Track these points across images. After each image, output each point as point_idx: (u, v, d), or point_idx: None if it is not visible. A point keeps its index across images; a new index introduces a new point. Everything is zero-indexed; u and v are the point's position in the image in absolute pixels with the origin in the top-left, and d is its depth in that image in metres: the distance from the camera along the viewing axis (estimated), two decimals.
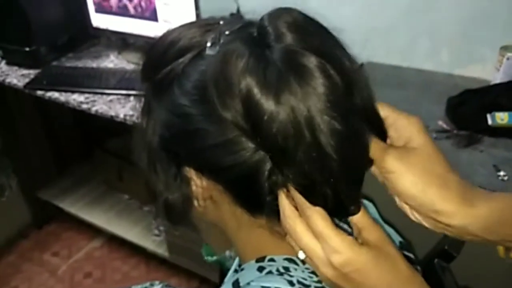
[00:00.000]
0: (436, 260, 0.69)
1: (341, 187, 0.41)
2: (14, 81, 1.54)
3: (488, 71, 1.32)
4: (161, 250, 1.78)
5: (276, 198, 0.43)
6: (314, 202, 0.41)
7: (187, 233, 1.62)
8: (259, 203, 0.45)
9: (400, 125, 0.45)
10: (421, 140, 0.44)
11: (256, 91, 0.38)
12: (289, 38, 0.40)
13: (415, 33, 1.41)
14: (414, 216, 0.45)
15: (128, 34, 1.65)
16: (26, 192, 2.04)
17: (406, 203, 0.44)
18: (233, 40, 0.42)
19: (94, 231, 2.02)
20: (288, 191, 0.42)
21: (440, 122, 1.19)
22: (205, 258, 0.75)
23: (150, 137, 0.48)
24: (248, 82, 0.38)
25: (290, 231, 0.43)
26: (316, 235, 0.42)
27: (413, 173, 0.42)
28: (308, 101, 0.37)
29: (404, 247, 0.60)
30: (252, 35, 0.42)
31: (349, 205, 0.43)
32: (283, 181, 0.42)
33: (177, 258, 1.77)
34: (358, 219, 0.43)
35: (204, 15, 1.46)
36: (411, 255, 0.59)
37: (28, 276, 1.94)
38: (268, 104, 0.38)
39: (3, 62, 1.65)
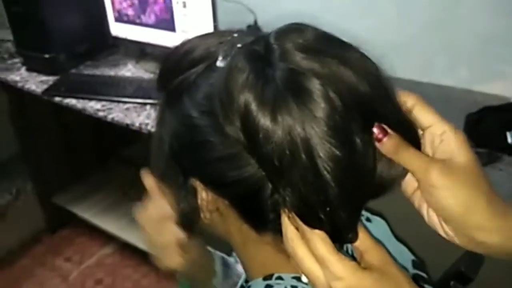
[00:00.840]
0: (452, 282, 0.67)
1: (338, 215, 0.39)
2: (33, 87, 1.56)
3: (508, 88, 1.29)
4: None
5: (279, 217, 0.42)
6: (312, 226, 0.40)
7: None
8: (263, 220, 0.44)
9: (446, 137, 0.42)
10: (467, 156, 0.42)
11: (253, 106, 0.37)
12: (294, 58, 0.38)
13: (434, 48, 1.40)
14: (446, 232, 0.43)
15: (146, 43, 1.66)
16: (41, 197, 2.06)
17: (444, 219, 0.42)
18: (239, 54, 0.41)
19: (107, 237, 2.02)
20: (289, 211, 0.41)
21: None
22: None
23: (163, 146, 0.48)
24: (246, 97, 0.37)
25: (292, 253, 0.42)
26: (318, 259, 0.40)
27: (461, 189, 0.40)
28: (306, 124, 0.36)
29: (417, 266, 0.58)
30: (258, 51, 0.41)
31: (346, 233, 0.41)
32: (282, 201, 0.40)
33: None
34: (359, 242, 0.42)
35: (222, 26, 1.46)
36: (424, 274, 0.57)
37: (40, 280, 1.95)
38: (264, 121, 0.37)
39: (23, 68, 1.67)
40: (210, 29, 1.46)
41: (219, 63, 0.44)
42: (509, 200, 1.00)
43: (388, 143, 0.39)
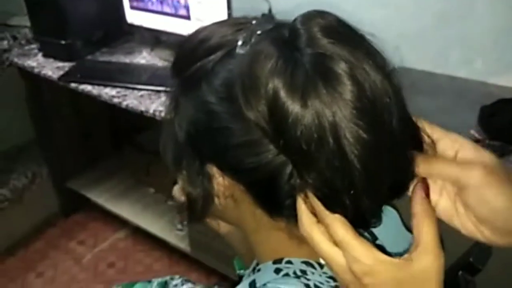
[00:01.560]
0: (460, 272, 0.67)
1: (362, 199, 0.40)
2: (49, 73, 1.58)
3: None
4: (183, 245, 1.80)
5: (295, 202, 0.42)
6: (333, 210, 0.40)
7: (209, 230, 1.63)
8: (279, 205, 0.44)
9: (461, 145, 0.43)
10: (490, 156, 0.43)
11: (282, 92, 0.37)
12: (320, 42, 0.39)
13: (449, 39, 1.39)
14: (485, 236, 0.43)
15: (161, 31, 1.67)
16: (56, 181, 2.10)
17: (490, 220, 0.42)
18: (263, 40, 0.42)
19: (120, 222, 2.05)
20: (306, 196, 0.41)
21: (472, 131, 1.16)
22: (237, 272, 0.75)
23: (176, 132, 0.49)
24: (275, 83, 0.38)
25: (308, 238, 0.42)
26: (337, 242, 0.41)
27: (505, 185, 0.41)
28: (334, 107, 0.37)
29: None
30: (283, 36, 0.42)
31: (369, 218, 0.42)
32: (302, 186, 0.41)
33: (198, 253, 1.79)
34: (424, 235, 0.41)
35: (236, 14, 1.47)
36: None
37: (54, 263, 1.99)
38: (293, 106, 0.37)
39: (40, 54, 1.69)
40: (224, 17, 1.47)
41: (239, 49, 0.44)
42: None
43: (418, 161, 0.41)
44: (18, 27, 1.84)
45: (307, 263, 0.48)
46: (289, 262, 0.48)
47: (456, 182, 0.42)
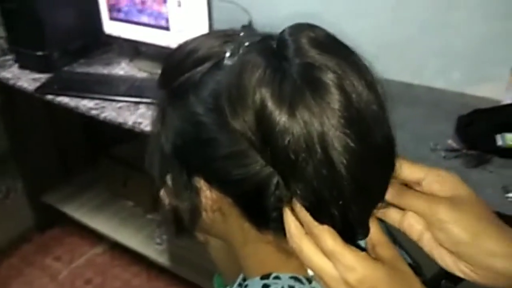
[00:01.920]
0: (443, 281, 0.68)
1: (350, 209, 0.40)
2: (25, 84, 1.55)
3: (499, 91, 1.31)
4: (163, 259, 1.77)
5: (282, 215, 0.42)
6: (321, 221, 0.40)
7: (189, 244, 1.61)
8: (266, 218, 0.44)
9: (443, 179, 0.45)
10: (467, 190, 0.45)
11: (269, 102, 0.38)
12: (309, 53, 0.39)
13: (427, 50, 1.42)
14: (462, 270, 0.44)
15: (140, 42, 1.66)
16: (31, 195, 2.04)
17: (458, 253, 0.43)
18: (251, 51, 0.42)
19: (97, 237, 2.01)
20: (293, 209, 0.41)
21: (450, 141, 1.18)
22: None
23: (163, 144, 0.48)
24: (263, 93, 0.38)
25: (297, 250, 0.42)
26: (327, 254, 0.40)
27: (469, 219, 0.42)
28: (322, 117, 0.37)
29: (414, 269, 0.58)
30: (271, 47, 0.42)
31: (357, 228, 0.42)
32: (289, 197, 0.41)
33: (178, 268, 1.76)
34: (373, 234, 0.42)
35: (217, 26, 1.47)
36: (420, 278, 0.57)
37: (29, 280, 1.93)
38: (280, 116, 0.37)
39: (16, 65, 1.66)
40: (205, 28, 1.47)
41: (227, 61, 0.44)
42: (500, 201, 1.02)
43: (390, 189, 0.42)
44: None
45: (295, 279, 0.47)
46: (277, 277, 0.47)
47: (424, 216, 0.44)
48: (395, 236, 0.59)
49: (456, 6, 1.34)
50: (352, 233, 0.42)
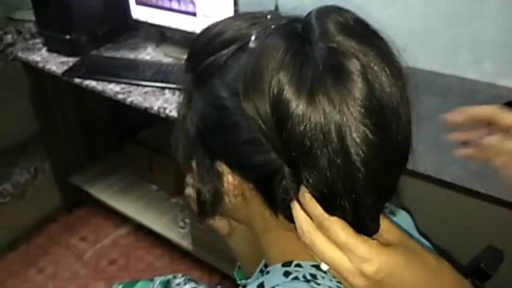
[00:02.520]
0: (469, 279, 0.66)
1: (362, 203, 0.39)
2: (53, 68, 1.57)
3: None
4: (185, 243, 1.80)
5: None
6: (331, 213, 0.39)
7: (211, 228, 1.62)
8: (283, 206, 0.43)
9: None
10: None
11: (287, 87, 0.36)
12: (334, 37, 0.38)
13: (458, 39, 1.37)
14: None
15: (167, 27, 1.66)
16: (58, 176, 2.09)
17: None
18: (274, 33, 0.41)
19: (122, 219, 2.05)
20: (300, 203, 0.40)
21: None
22: (238, 282, 0.74)
23: (188, 128, 0.48)
24: (280, 77, 0.37)
25: (310, 245, 0.41)
26: (340, 246, 0.40)
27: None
28: (342, 105, 0.36)
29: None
30: (295, 30, 0.41)
31: (368, 222, 0.41)
32: (295, 189, 0.40)
33: (201, 252, 1.78)
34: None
35: (243, 10, 1.45)
36: None
37: (55, 258, 1.98)
38: (298, 102, 0.36)
39: (44, 49, 1.68)
40: (231, 13, 1.45)
41: (252, 44, 0.43)
42: None
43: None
44: (23, 21, 1.83)
45: (317, 267, 0.46)
46: (298, 265, 0.47)
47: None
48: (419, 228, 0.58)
49: None
50: (363, 228, 0.41)
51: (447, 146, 1.10)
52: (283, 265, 0.48)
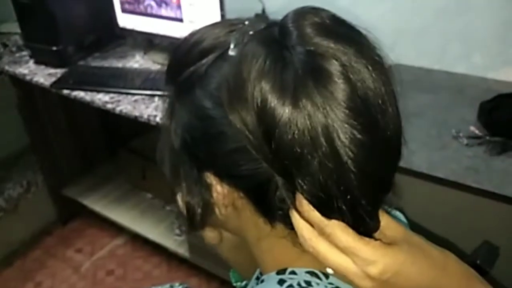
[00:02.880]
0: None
1: (359, 203, 0.38)
2: (41, 80, 1.56)
3: None
4: (182, 250, 1.78)
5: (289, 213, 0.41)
6: (330, 217, 0.39)
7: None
8: (275, 214, 0.43)
9: None
10: None
11: (270, 95, 0.36)
12: (312, 39, 0.37)
13: (447, 35, 1.37)
14: None
15: (154, 34, 1.65)
16: (52, 189, 2.07)
17: None
18: (252, 40, 0.40)
19: (117, 229, 2.03)
20: (298, 210, 0.40)
21: (472, 128, 1.14)
22: (234, 284, 0.73)
23: (173, 140, 0.47)
24: (263, 86, 0.36)
25: (314, 252, 0.41)
26: (343, 250, 0.39)
27: None
28: (326, 107, 0.35)
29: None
30: (272, 35, 0.40)
31: (368, 221, 0.40)
32: (292, 197, 0.39)
33: (198, 258, 1.77)
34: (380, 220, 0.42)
35: (229, 15, 1.45)
36: None
37: (52, 272, 1.97)
38: (283, 109, 0.35)
39: (31, 61, 1.67)
40: (217, 19, 1.45)
41: (231, 51, 0.42)
42: None
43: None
44: (8, 34, 1.82)
45: (311, 273, 0.46)
46: (293, 272, 0.46)
47: None
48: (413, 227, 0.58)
49: None
50: (364, 227, 0.40)
51: (439, 142, 1.10)
52: (278, 273, 0.47)
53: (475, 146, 1.10)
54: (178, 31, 1.56)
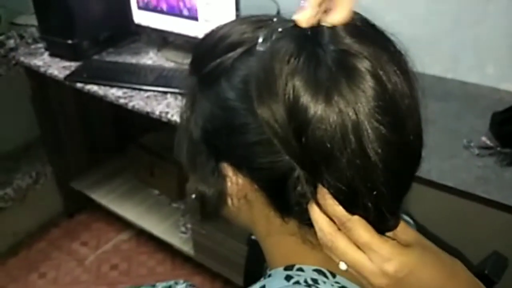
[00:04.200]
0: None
1: (384, 200, 0.39)
2: (55, 72, 1.57)
3: None
4: (187, 248, 1.79)
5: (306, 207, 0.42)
6: (353, 212, 0.40)
7: (213, 233, 1.62)
8: (291, 208, 0.43)
9: None
10: None
11: (303, 91, 0.37)
12: (344, 40, 0.38)
13: (461, 44, 1.37)
14: None
15: (168, 32, 1.66)
16: (60, 181, 2.09)
17: None
18: (284, 37, 0.41)
19: (123, 224, 2.04)
20: (318, 204, 0.40)
21: (484, 138, 1.14)
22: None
23: (192, 130, 0.48)
24: (295, 82, 0.37)
25: (332, 247, 0.41)
26: (362, 245, 0.40)
27: None
28: (357, 105, 0.36)
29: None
30: (304, 33, 0.41)
31: (389, 218, 0.41)
32: (313, 192, 0.40)
33: (202, 257, 1.77)
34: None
35: (244, 15, 1.45)
36: None
37: (57, 264, 1.98)
38: (317, 106, 0.36)
39: (46, 53, 1.69)
40: (232, 17, 1.45)
41: (259, 47, 0.43)
42: None
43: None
44: (25, 26, 1.83)
45: (318, 271, 0.47)
46: (300, 269, 0.47)
47: None
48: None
49: None
50: (383, 224, 0.41)
51: (450, 151, 1.10)
52: (285, 268, 0.48)
53: (486, 156, 1.10)
54: (193, 29, 1.57)
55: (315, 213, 0.41)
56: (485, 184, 1.00)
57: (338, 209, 0.40)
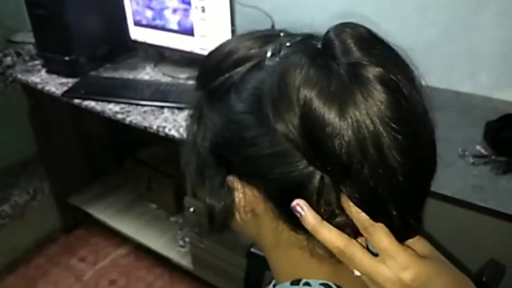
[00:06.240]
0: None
1: (408, 207, 0.40)
2: (53, 89, 1.58)
3: None
4: (185, 262, 1.78)
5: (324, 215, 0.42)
6: (377, 220, 0.40)
7: (211, 247, 1.62)
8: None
9: None
10: None
11: (317, 102, 0.37)
12: (355, 52, 0.39)
13: (454, 54, 1.39)
14: None
15: (165, 47, 1.68)
16: (58, 197, 2.08)
17: None
18: (294, 51, 0.42)
19: (121, 238, 2.04)
20: (342, 209, 0.41)
21: (478, 147, 1.15)
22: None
23: (200, 143, 0.48)
24: (308, 93, 0.37)
25: (348, 257, 0.41)
26: (381, 252, 0.41)
27: None
28: (372, 114, 0.37)
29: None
30: (314, 47, 0.42)
31: (413, 223, 0.42)
32: (337, 200, 0.41)
33: (201, 271, 1.76)
34: None
35: (240, 30, 1.47)
36: None
37: (55, 280, 1.96)
38: (330, 117, 0.37)
39: (44, 70, 1.70)
40: (228, 33, 1.47)
41: (268, 61, 0.43)
42: None
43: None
44: (22, 44, 1.85)
45: (325, 285, 0.46)
46: (307, 284, 0.47)
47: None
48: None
49: (484, 8, 1.30)
50: (407, 231, 0.42)
51: (445, 160, 1.11)
52: (292, 283, 0.47)
53: (481, 165, 1.11)
54: (189, 45, 1.59)
55: (326, 228, 0.41)
56: (481, 192, 1.01)
57: (361, 216, 0.40)
